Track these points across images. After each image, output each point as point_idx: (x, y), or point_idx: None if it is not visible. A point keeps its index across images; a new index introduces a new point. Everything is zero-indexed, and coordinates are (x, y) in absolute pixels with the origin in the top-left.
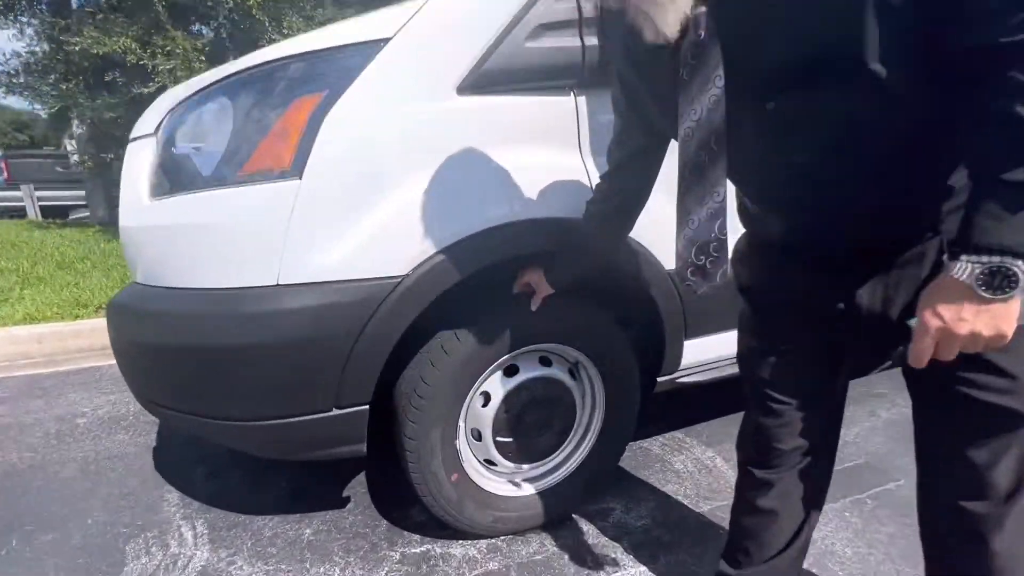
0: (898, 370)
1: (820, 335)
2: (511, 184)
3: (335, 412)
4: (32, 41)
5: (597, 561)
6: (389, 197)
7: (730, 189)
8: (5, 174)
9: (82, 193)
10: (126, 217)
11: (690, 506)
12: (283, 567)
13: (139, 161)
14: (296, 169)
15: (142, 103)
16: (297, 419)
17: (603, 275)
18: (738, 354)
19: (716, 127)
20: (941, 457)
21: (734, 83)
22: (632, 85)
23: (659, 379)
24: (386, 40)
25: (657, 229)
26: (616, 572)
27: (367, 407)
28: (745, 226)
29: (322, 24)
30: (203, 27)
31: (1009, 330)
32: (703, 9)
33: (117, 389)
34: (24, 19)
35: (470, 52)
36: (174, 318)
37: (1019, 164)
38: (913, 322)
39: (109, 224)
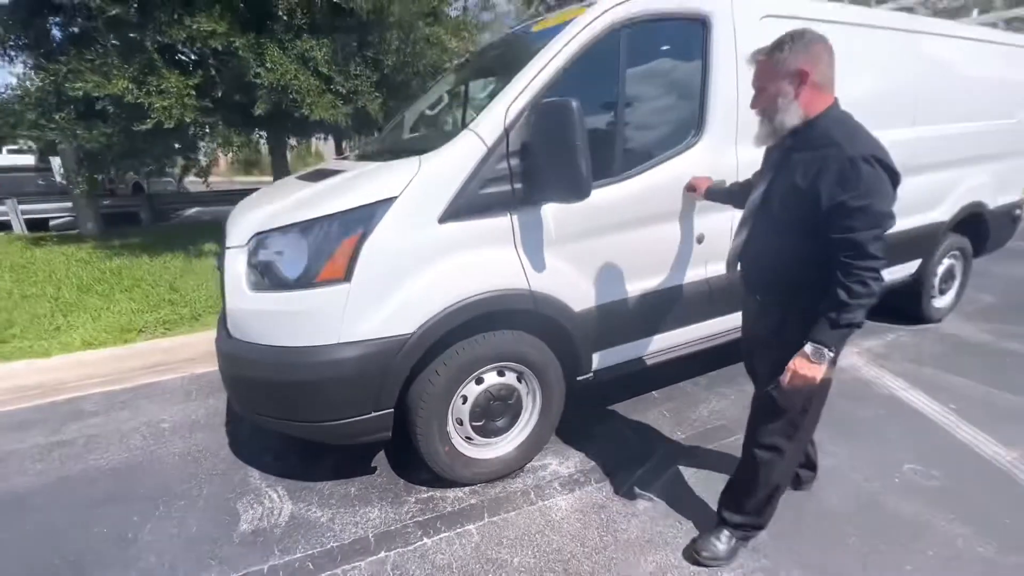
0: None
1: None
2: (474, 272)
3: (374, 414)
4: (23, 77)
5: (540, 491)
6: (401, 288)
7: None
8: None
9: (62, 204)
10: (233, 301)
11: (604, 458)
12: (342, 510)
13: (237, 263)
14: (348, 277)
15: (137, 136)
16: (353, 419)
17: (535, 319)
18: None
19: (754, 204)
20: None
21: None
22: None
23: (578, 378)
24: (395, 197)
25: (568, 285)
26: (551, 497)
27: (392, 410)
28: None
29: (299, 56)
30: (196, 68)
31: (818, 375)
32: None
33: (181, 400)
34: (13, 54)
35: (444, 199)
36: (282, 364)
37: (839, 310)
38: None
39: (99, 238)
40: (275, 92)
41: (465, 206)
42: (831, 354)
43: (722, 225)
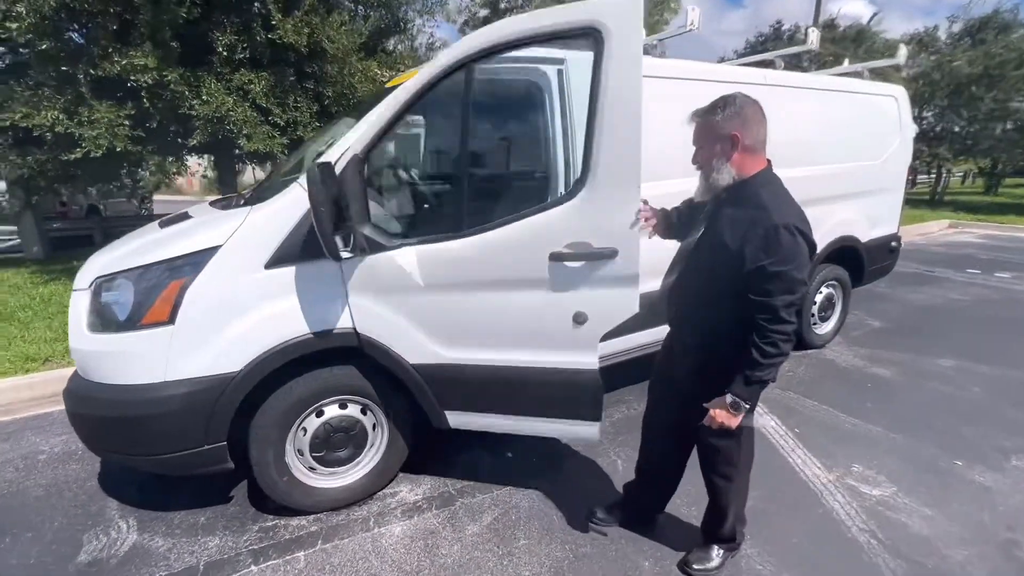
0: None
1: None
2: (300, 313)
3: (206, 447)
4: None
5: (380, 518)
6: (226, 330)
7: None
8: None
9: (9, 228)
10: (74, 341)
11: (450, 485)
12: (184, 540)
13: (79, 306)
14: (172, 319)
15: (70, 163)
16: (185, 452)
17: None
18: None
19: (687, 249)
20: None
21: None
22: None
23: (433, 426)
24: (219, 246)
25: (399, 335)
26: (388, 524)
27: (225, 443)
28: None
29: (238, 88)
30: (128, 100)
31: (734, 424)
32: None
33: (67, 431)
34: None
35: (271, 246)
36: (112, 401)
37: (752, 368)
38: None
39: (43, 262)
40: (211, 123)
41: (292, 253)
42: (747, 407)
43: (612, 309)
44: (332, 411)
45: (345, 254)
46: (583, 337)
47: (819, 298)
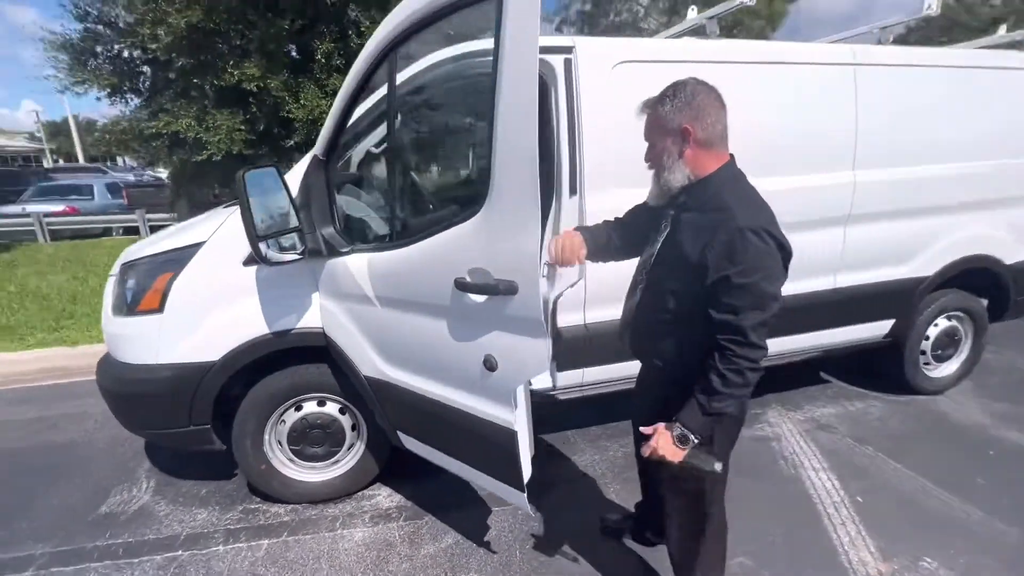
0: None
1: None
2: (267, 311)
3: (192, 428)
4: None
5: (348, 519)
6: (207, 321)
7: None
8: (127, 200)
9: (168, 215)
10: (103, 321)
11: (432, 497)
12: (181, 508)
13: (109, 290)
14: (161, 308)
15: (200, 164)
16: (173, 431)
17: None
18: None
19: (647, 264)
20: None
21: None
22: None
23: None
24: (203, 242)
25: (353, 344)
26: (352, 527)
27: (209, 425)
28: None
29: (332, 92)
30: (241, 109)
31: (677, 459)
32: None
33: None
34: (128, 97)
35: (245, 249)
36: (120, 377)
37: (709, 397)
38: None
39: None
40: (306, 125)
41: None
42: (695, 441)
43: (519, 360)
44: (310, 407)
45: (288, 256)
46: (495, 386)
47: (934, 332)
